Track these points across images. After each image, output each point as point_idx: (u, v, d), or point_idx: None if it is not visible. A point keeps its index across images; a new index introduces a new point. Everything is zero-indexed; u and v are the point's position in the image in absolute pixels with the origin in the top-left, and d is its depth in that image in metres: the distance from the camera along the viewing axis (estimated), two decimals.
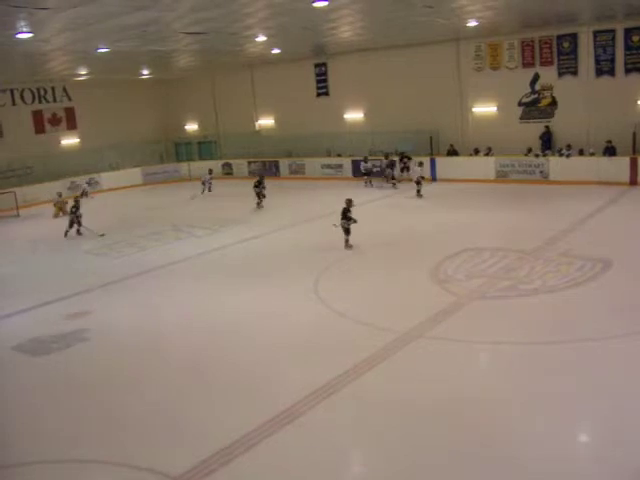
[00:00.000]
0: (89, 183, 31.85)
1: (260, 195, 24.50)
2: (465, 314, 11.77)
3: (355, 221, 16.82)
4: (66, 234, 21.74)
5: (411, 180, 25.49)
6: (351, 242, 16.99)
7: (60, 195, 27.72)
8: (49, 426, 8.83)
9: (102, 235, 21.47)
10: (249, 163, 34.43)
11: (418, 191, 23.82)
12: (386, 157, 27.95)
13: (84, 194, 30.74)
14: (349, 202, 17.01)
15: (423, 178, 23.75)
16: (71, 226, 21.81)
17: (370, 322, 11.58)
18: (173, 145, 38.96)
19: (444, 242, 16.93)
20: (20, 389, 10.26)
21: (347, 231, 16.90)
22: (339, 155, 31.31)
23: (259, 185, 24.64)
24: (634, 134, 23.19)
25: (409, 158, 27.40)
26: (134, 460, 7.71)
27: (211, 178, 29.75)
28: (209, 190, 29.45)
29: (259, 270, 15.91)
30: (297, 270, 15.48)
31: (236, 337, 11.58)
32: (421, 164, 24.56)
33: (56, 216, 26.86)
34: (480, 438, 7.59)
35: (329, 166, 31.14)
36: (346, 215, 16.80)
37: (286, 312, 12.60)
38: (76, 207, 21.82)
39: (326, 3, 15.94)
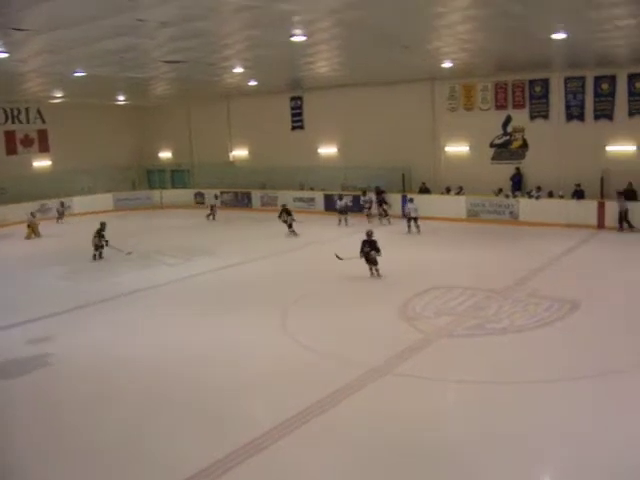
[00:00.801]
0: (62, 205, 31.37)
1: (291, 224, 24.70)
2: (432, 351, 11.76)
3: (380, 254, 17.13)
4: (95, 257, 21.21)
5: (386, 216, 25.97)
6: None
7: (34, 215, 27.20)
8: (5, 456, 8.59)
9: (129, 253, 21.26)
10: (221, 193, 34.36)
11: (417, 227, 23.65)
12: (364, 193, 27.58)
13: (60, 216, 30.39)
14: (371, 233, 17.45)
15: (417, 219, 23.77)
16: (97, 249, 21.27)
17: (337, 357, 11.51)
18: (146, 172, 38.86)
19: (413, 279, 16.99)
20: None
21: (375, 261, 17.12)
22: (312, 189, 31.42)
23: (289, 214, 24.90)
24: (602, 179, 23.65)
25: (384, 192, 27.54)
26: None
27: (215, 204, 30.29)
28: (213, 218, 29.59)
29: (228, 301, 15.78)
30: (266, 302, 15.38)
31: (203, 367, 11.42)
32: (412, 200, 24.46)
33: (28, 237, 26.36)
34: (445, 475, 7.54)
35: (301, 199, 31.20)
36: (374, 246, 17.10)
37: (253, 344, 12.47)
38: (102, 230, 21.30)
39: (304, 38, 16.11)
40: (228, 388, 10.44)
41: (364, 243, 17.29)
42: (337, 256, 17.95)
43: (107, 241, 21.25)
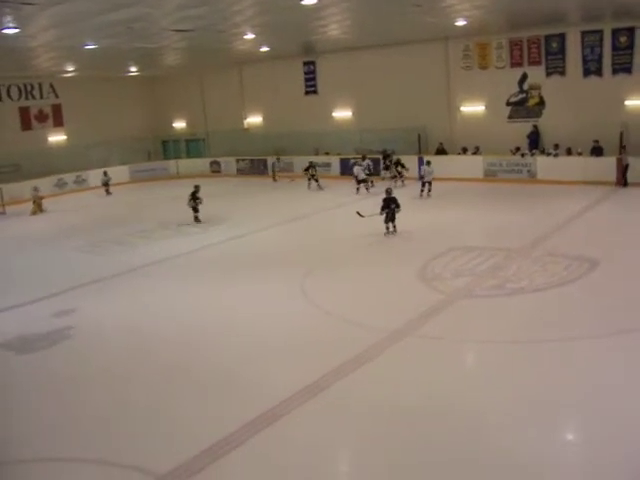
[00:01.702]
0: (106, 175, 30.96)
1: (317, 179, 27.25)
2: (452, 312, 11.79)
3: (399, 210, 17.62)
4: (196, 219, 21.61)
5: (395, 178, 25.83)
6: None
7: (37, 189, 27.09)
8: (32, 425, 8.76)
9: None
10: (237, 161, 34.36)
11: (429, 190, 23.12)
12: (362, 158, 26.73)
13: (106, 187, 30.39)
14: (391, 190, 18.03)
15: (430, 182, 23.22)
16: (195, 211, 21.59)
17: (357, 321, 11.57)
18: (161, 143, 38.85)
19: (432, 241, 16.96)
20: (5, 387, 10.18)
21: (394, 217, 17.59)
22: (327, 153, 31.27)
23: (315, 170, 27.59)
24: (621, 134, 23.28)
25: (390, 155, 27.38)
26: (118, 458, 7.67)
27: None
28: (274, 180, 30.91)
29: (247, 268, 15.85)
30: (284, 268, 15.45)
31: (222, 336, 11.52)
32: (429, 163, 23.62)
33: (34, 213, 26.41)
34: (469, 439, 7.56)
35: (317, 164, 31.02)
36: (396, 202, 17.55)
37: (273, 311, 12.56)
38: (196, 192, 21.52)
39: (314, 1, 15.90)
40: (247, 356, 10.52)
41: (386, 200, 17.58)
42: (359, 213, 18.35)
43: (198, 201, 21.53)
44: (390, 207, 17.54)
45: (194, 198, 21.56)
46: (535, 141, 26.00)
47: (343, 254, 16.61)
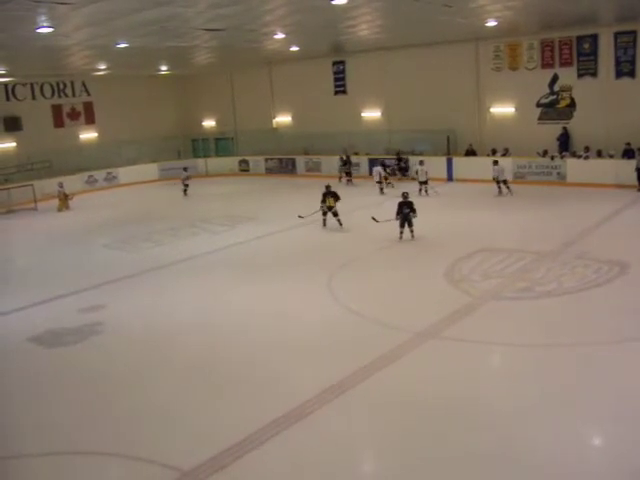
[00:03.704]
0: (186, 170, 29.91)
1: (349, 173, 28.16)
2: (480, 314, 11.73)
3: (416, 215, 17.35)
4: (339, 222, 19.75)
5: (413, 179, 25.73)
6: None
7: (61, 186, 27.34)
8: (62, 418, 8.93)
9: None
10: (266, 160, 34.48)
11: (508, 189, 23.10)
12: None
13: (186, 180, 29.30)
14: (407, 195, 17.78)
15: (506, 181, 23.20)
16: (336, 215, 19.84)
17: (384, 321, 11.58)
18: (190, 141, 39.07)
19: (460, 242, 16.87)
20: (34, 380, 10.36)
21: (411, 222, 17.36)
22: (356, 153, 31.22)
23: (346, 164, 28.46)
24: None
25: (402, 158, 27.35)
26: (146, 454, 7.77)
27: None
28: (382, 191, 26.11)
29: (274, 267, 15.93)
30: (311, 268, 15.49)
31: (249, 334, 11.59)
32: (496, 163, 23.44)
33: (60, 210, 26.74)
34: (493, 439, 7.58)
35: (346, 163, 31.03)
36: (411, 207, 17.33)
37: (300, 310, 12.61)
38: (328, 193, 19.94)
39: (345, 1, 15.89)
40: (273, 354, 10.59)
41: (401, 205, 17.44)
42: (374, 219, 18.31)
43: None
44: (403, 212, 17.37)
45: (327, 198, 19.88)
46: (565, 143, 25.71)
47: (370, 255, 16.61)
